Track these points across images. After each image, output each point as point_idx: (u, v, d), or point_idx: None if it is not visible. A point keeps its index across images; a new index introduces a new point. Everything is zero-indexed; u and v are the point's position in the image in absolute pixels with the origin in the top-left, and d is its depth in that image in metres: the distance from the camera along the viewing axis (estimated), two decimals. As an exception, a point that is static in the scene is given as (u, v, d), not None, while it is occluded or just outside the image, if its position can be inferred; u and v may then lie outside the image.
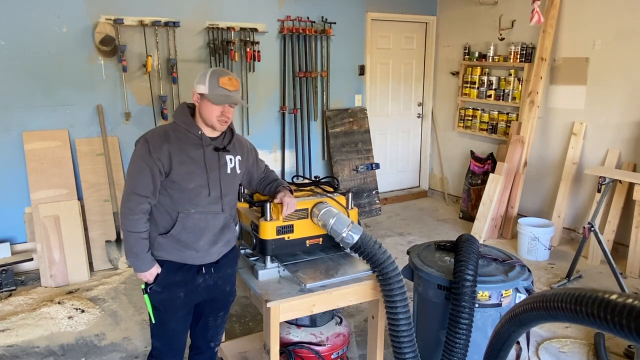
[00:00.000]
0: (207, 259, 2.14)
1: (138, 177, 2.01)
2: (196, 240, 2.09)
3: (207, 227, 2.10)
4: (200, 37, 4.81)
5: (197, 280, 2.14)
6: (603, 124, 4.69)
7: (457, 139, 6.21)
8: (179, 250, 2.09)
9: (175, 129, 2.07)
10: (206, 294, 2.21)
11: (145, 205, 2.02)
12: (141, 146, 2.03)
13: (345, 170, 5.64)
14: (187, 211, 2.06)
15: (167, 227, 2.07)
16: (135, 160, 2.04)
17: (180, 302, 2.14)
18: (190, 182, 2.04)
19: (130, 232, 2.02)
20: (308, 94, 5.49)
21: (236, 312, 3.59)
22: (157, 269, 2.08)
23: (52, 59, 4.18)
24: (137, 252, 2.04)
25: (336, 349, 2.57)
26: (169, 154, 2.00)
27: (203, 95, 2.02)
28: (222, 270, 2.22)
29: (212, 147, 2.09)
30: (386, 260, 2.20)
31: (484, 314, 2.47)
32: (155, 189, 2.02)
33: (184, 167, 2.02)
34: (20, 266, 4.11)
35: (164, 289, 2.11)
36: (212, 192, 2.08)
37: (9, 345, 3.18)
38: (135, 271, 2.08)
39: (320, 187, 2.56)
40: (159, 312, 2.14)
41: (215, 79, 2.00)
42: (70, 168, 4.25)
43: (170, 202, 2.05)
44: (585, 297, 0.86)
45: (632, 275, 4.20)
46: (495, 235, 5.13)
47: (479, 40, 5.77)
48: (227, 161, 2.14)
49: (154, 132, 2.09)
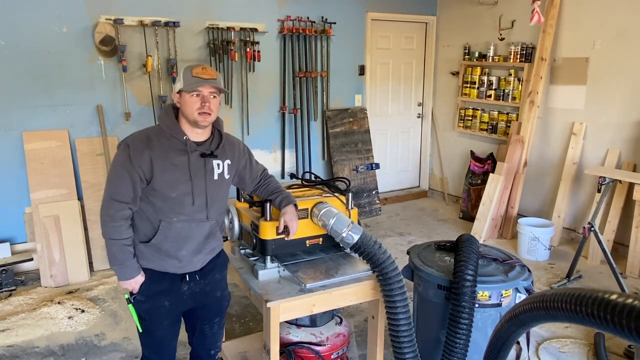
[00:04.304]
0: (190, 267, 2.06)
1: (118, 184, 1.92)
2: (179, 249, 2.01)
3: (190, 236, 2.02)
4: (200, 37, 4.81)
5: (182, 289, 2.08)
6: (603, 124, 4.69)
7: (457, 139, 6.21)
8: (160, 259, 2.01)
9: (159, 133, 1.98)
10: (193, 302, 2.15)
11: (126, 211, 1.94)
12: (122, 151, 1.94)
13: (345, 170, 5.64)
14: (169, 219, 1.97)
15: (149, 235, 2.00)
16: (115, 166, 1.95)
17: (165, 311, 2.07)
18: (173, 191, 1.95)
19: (113, 239, 1.94)
20: (308, 94, 5.49)
21: (236, 312, 3.59)
22: (143, 276, 2.01)
23: (52, 59, 4.18)
24: (122, 260, 1.96)
25: (336, 349, 2.57)
26: (151, 160, 1.91)
27: (180, 91, 1.95)
28: (209, 276, 2.15)
29: (198, 153, 1.99)
30: (386, 260, 2.20)
31: (484, 314, 2.47)
32: (136, 195, 1.94)
33: (166, 175, 1.93)
34: (20, 266, 4.11)
35: (148, 299, 2.04)
36: (196, 200, 1.99)
37: (9, 345, 3.18)
38: (120, 279, 2.00)
39: (331, 186, 2.55)
40: (144, 322, 2.07)
41: (188, 72, 1.94)
42: (70, 168, 4.25)
43: (152, 209, 1.97)
44: (585, 297, 0.86)
45: (632, 275, 4.20)
46: (495, 235, 5.13)
47: (479, 40, 5.77)
48: (215, 167, 2.04)
49: (135, 136, 1.98)
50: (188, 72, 1.94)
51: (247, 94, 5.10)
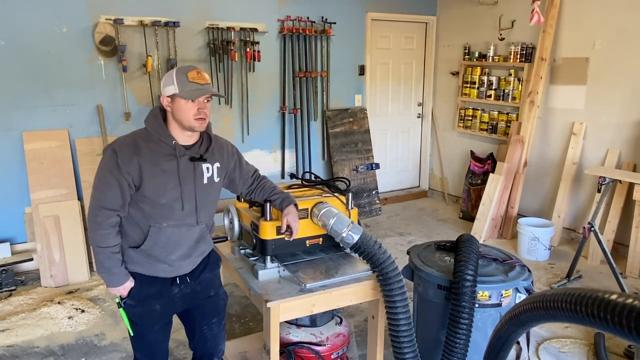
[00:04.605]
0: (180, 271, 2.05)
1: (106, 191, 1.88)
2: (169, 254, 1.99)
3: (180, 241, 2.00)
4: (200, 37, 4.81)
5: (173, 291, 2.06)
6: (603, 124, 4.69)
7: (457, 139, 6.21)
8: (150, 264, 1.99)
9: (147, 138, 1.93)
10: (185, 303, 2.13)
11: (114, 218, 1.91)
12: (109, 157, 1.89)
13: (345, 170, 5.64)
14: (159, 225, 1.95)
15: (138, 241, 1.97)
16: (103, 172, 1.90)
17: (157, 314, 2.05)
18: (163, 197, 1.92)
19: (101, 247, 1.91)
20: (308, 94, 5.49)
21: (236, 312, 3.59)
22: (131, 282, 1.99)
23: (52, 59, 4.18)
24: (110, 268, 1.93)
25: (336, 349, 2.57)
26: (139, 167, 1.87)
27: (174, 96, 1.88)
28: (200, 276, 2.13)
29: (188, 157, 1.96)
30: (386, 260, 2.20)
31: (484, 314, 2.47)
32: (125, 202, 1.90)
33: (155, 181, 1.90)
34: (20, 266, 4.11)
35: (139, 303, 2.02)
36: (185, 205, 1.96)
37: (9, 345, 3.18)
38: (108, 286, 1.98)
39: (331, 186, 2.55)
40: (136, 326, 2.05)
41: (183, 76, 1.86)
42: (70, 168, 4.25)
43: (142, 215, 1.94)
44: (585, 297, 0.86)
45: (632, 275, 4.20)
46: (495, 235, 5.13)
47: (479, 40, 5.77)
48: (204, 170, 2.01)
49: (122, 141, 1.93)
50: (183, 77, 1.87)
51: (247, 94, 5.10)
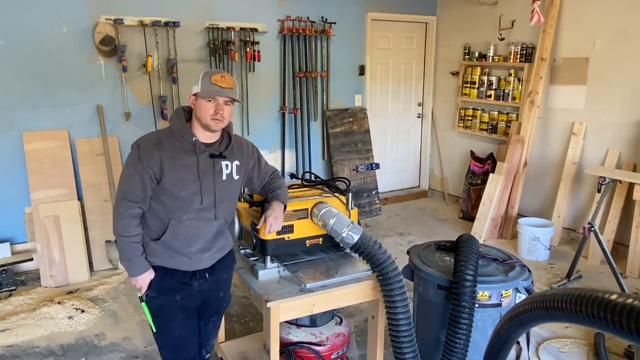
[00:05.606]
0: (200, 265, 2.11)
1: (128, 183, 2.00)
2: (188, 246, 2.07)
3: (199, 234, 2.08)
4: (200, 37, 4.81)
5: (193, 285, 2.13)
6: (603, 124, 4.69)
7: (457, 139, 6.21)
8: (170, 257, 2.07)
9: (170, 135, 2.05)
10: (201, 299, 2.19)
11: (135, 210, 2.00)
12: (133, 152, 2.02)
13: (345, 170, 5.64)
14: (178, 218, 2.04)
15: (159, 233, 2.06)
16: (127, 166, 2.03)
17: (178, 305, 2.12)
18: (182, 190, 2.01)
19: (121, 236, 2.02)
20: (308, 94, 5.49)
21: (236, 312, 3.59)
22: (151, 274, 2.06)
23: (52, 59, 4.18)
24: (129, 256, 2.03)
25: (336, 349, 2.57)
26: (160, 160, 1.98)
27: (197, 95, 2.01)
28: (218, 274, 2.20)
29: (207, 154, 2.06)
30: (386, 260, 2.20)
31: (484, 314, 2.47)
32: (146, 195, 2.00)
33: (175, 175, 2.00)
34: (20, 266, 4.11)
35: (160, 294, 2.09)
36: (204, 199, 2.04)
37: (9, 345, 3.18)
38: (130, 276, 2.06)
39: (331, 186, 2.55)
40: (158, 320, 2.11)
41: (207, 78, 1.99)
42: (70, 168, 4.25)
43: (162, 208, 2.04)
44: (585, 297, 0.86)
45: (632, 275, 4.20)
46: (495, 235, 5.13)
47: (479, 40, 5.77)
48: (223, 167, 2.10)
49: (146, 137, 2.06)
50: (207, 78, 1.99)
51: (247, 94, 5.10)
